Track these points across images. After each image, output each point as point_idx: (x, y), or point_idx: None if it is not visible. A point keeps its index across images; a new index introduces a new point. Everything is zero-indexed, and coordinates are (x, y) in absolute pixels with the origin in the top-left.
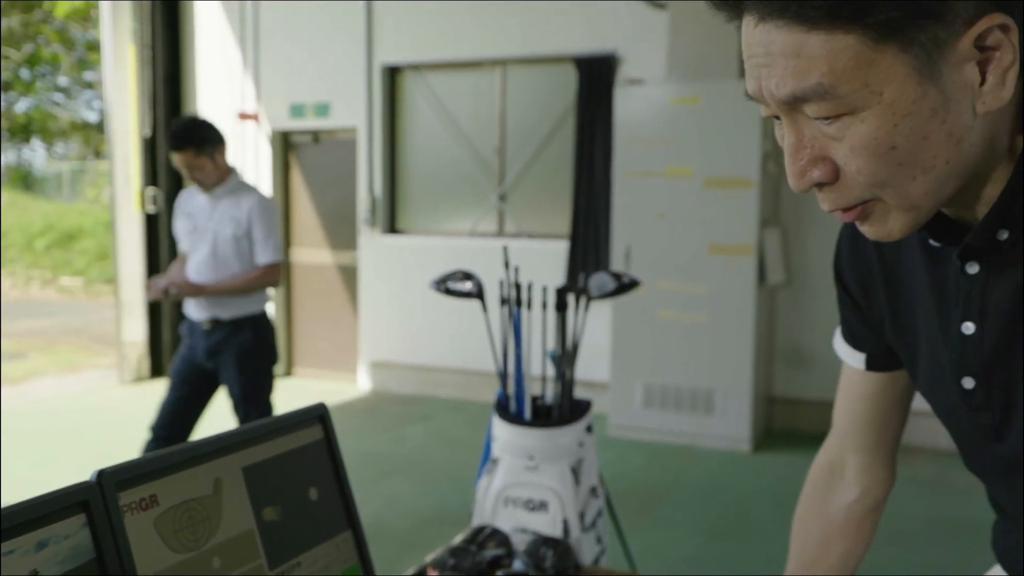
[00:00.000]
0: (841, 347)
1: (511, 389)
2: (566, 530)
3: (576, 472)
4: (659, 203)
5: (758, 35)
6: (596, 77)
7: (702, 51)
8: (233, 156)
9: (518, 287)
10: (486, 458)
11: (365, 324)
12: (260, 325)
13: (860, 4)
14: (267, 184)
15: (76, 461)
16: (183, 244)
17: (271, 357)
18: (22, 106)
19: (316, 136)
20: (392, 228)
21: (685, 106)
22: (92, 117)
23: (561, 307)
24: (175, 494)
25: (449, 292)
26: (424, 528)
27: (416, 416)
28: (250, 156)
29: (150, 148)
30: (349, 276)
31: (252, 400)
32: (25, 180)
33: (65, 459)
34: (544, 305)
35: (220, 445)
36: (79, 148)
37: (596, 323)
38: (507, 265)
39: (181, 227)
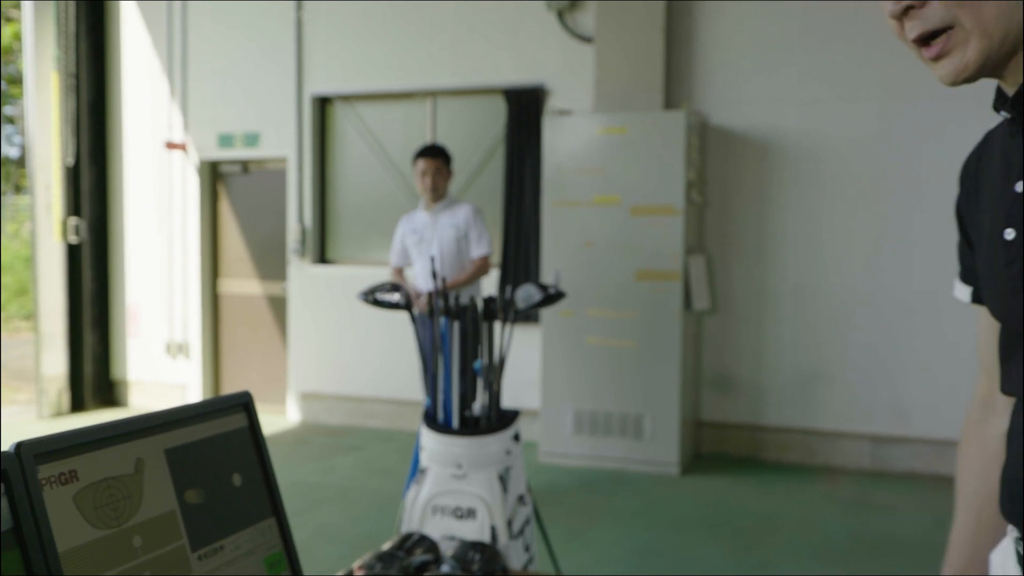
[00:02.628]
0: (958, 287)
1: (440, 399)
2: (494, 537)
3: (504, 480)
4: (587, 231)
5: None
6: (525, 108)
7: (627, 83)
8: (159, 186)
9: (445, 297)
10: (414, 472)
11: (295, 355)
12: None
13: None
14: (194, 214)
15: None
16: (398, 259)
17: None
18: None
19: (245, 166)
20: (322, 258)
21: (612, 136)
22: (12, 152)
23: (489, 316)
24: (96, 471)
25: (377, 303)
26: (354, 555)
27: (346, 446)
28: (177, 186)
29: (73, 177)
30: (278, 307)
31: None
32: None
33: None
34: (474, 318)
35: (143, 425)
36: (7, 183)
37: (526, 352)
38: (434, 275)
39: (409, 240)
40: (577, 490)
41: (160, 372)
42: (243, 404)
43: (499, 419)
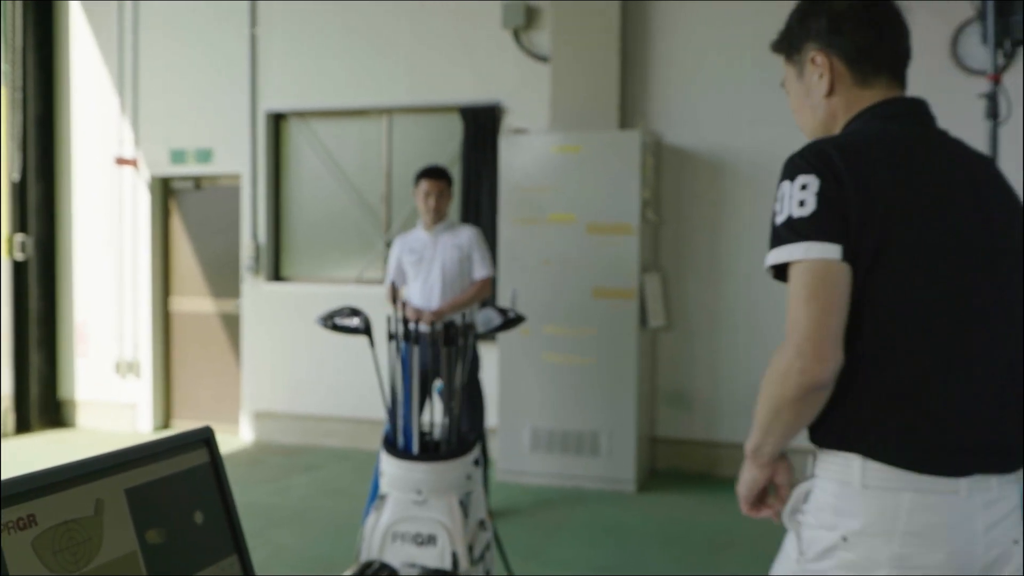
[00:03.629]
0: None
1: (399, 424)
2: (455, 563)
3: (465, 505)
4: (544, 249)
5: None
6: (481, 126)
7: (583, 102)
8: (109, 202)
9: (406, 322)
10: (373, 496)
11: (248, 373)
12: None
13: (783, 49)
14: (145, 231)
15: None
16: (396, 279)
17: (478, 361)
18: None
19: (198, 182)
20: (276, 275)
21: (567, 155)
22: None
23: (449, 341)
24: (55, 514)
25: (336, 328)
26: None
27: (301, 466)
28: (128, 202)
29: (20, 193)
30: (231, 324)
31: (473, 398)
32: None
33: None
34: (434, 341)
35: (102, 466)
36: None
37: (483, 369)
38: (394, 300)
39: (406, 260)
40: (534, 508)
41: (110, 392)
42: (204, 440)
43: (459, 444)
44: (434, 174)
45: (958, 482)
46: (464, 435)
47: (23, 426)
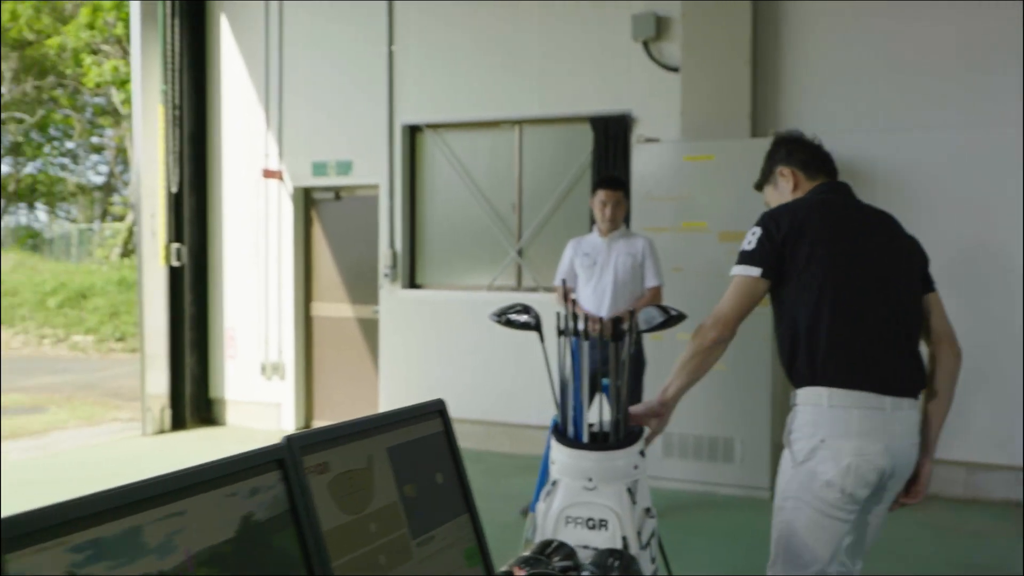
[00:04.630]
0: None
1: (569, 415)
2: (625, 547)
3: (632, 493)
4: (675, 257)
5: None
6: (611, 136)
7: (714, 111)
8: (255, 212)
9: (575, 317)
10: (542, 483)
11: (385, 376)
12: (641, 337)
13: (764, 181)
14: (289, 240)
15: None
16: (562, 278)
17: (644, 363)
18: (30, 169)
19: (337, 193)
20: (412, 283)
21: (700, 164)
22: (98, 180)
23: (617, 337)
24: (340, 463)
25: (509, 324)
26: None
27: None
28: (273, 212)
29: (175, 204)
30: (368, 329)
31: (637, 396)
32: (33, 241)
33: None
34: (602, 341)
35: (371, 425)
36: (86, 211)
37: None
38: (565, 297)
39: (579, 263)
40: (668, 511)
41: (255, 392)
42: (438, 411)
43: (627, 435)
44: (611, 184)
45: (883, 399)
46: (631, 427)
47: (178, 423)
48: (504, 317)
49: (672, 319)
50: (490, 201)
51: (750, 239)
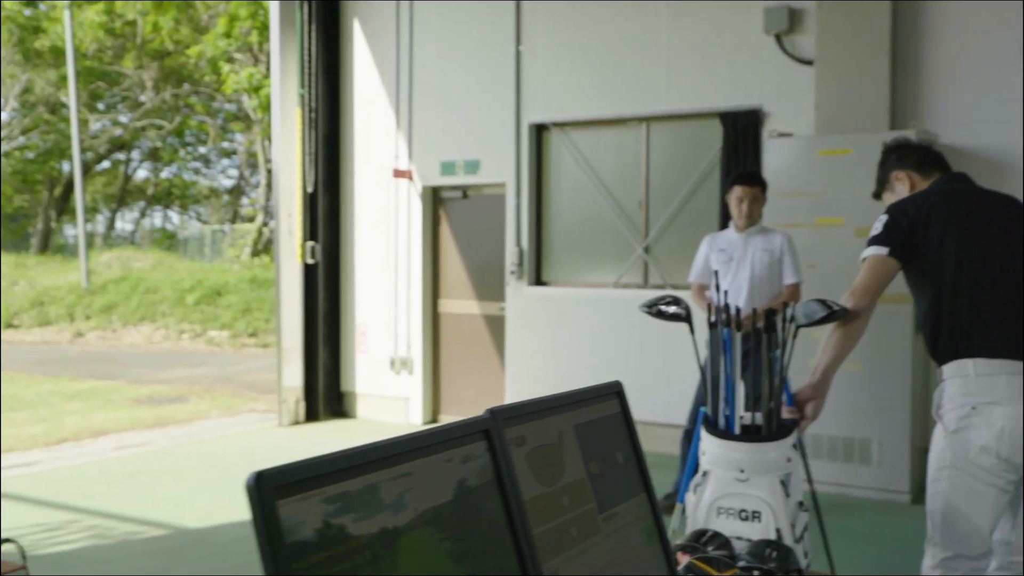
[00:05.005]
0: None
1: (720, 406)
2: (779, 539)
3: (785, 485)
4: (810, 254)
5: None
6: (741, 131)
7: (850, 104)
8: (385, 211)
9: (727, 308)
10: (690, 474)
11: (511, 372)
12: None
13: (880, 189)
14: (417, 238)
15: None
16: (699, 276)
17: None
18: (165, 174)
19: (465, 192)
20: (538, 280)
21: (835, 158)
22: (227, 183)
23: (770, 328)
24: (535, 438)
25: (660, 315)
26: None
27: None
28: (403, 211)
29: (311, 204)
30: (494, 325)
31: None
32: (169, 242)
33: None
34: (756, 328)
35: (559, 403)
36: (218, 213)
37: None
38: (717, 288)
39: (715, 259)
40: None
41: (385, 386)
42: (616, 392)
43: (779, 427)
44: (747, 180)
45: (1018, 364)
46: (784, 420)
47: (312, 415)
48: (655, 308)
49: (834, 314)
50: (616, 198)
51: (877, 226)
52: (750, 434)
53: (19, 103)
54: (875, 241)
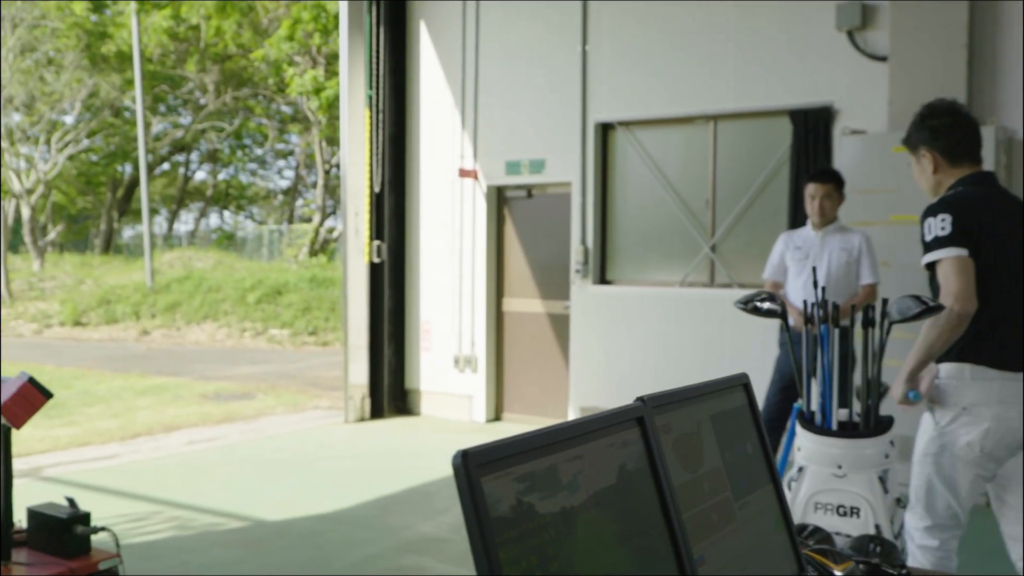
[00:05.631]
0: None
1: (816, 402)
2: (879, 534)
3: (883, 481)
4: (883, 252)
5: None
6: (811, 129)
7: (926, 101)
8: (451, 210)
9: (825, 304)
10: (781, 470)
11: (576, 370)
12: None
13: (908, 146)
14: (482, 237)
15: (329, 486)
16: (774, 273)
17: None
18: (223, 175)
19: (529, 191)
20: (603, 279)
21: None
22: (283, 184)
23: (868, 324)
24: (679, 426)
25: (756, 311)
26: None
27: None
28: (468, 210)
29: (377, 203)
30: (557, 324)
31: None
32: (228, 242)
33: (317, 484)
34: (853, 323)
35: (696, 393)
36: (275, 213)
37: None
38: (815, 284)
39: (790, 256)
40: None
41: (448, 383)
42: (743, 384)
43: (876, 424)
44: (821, 177)
45: (1018, 376)
46: (880, 416)
47: (376, 412)
48: (751, 304)
49: (929, 310)
50: (682, 197)
51: (942, 226)
52: (847, 430)
53: (84, 107)
54: (950, 243)
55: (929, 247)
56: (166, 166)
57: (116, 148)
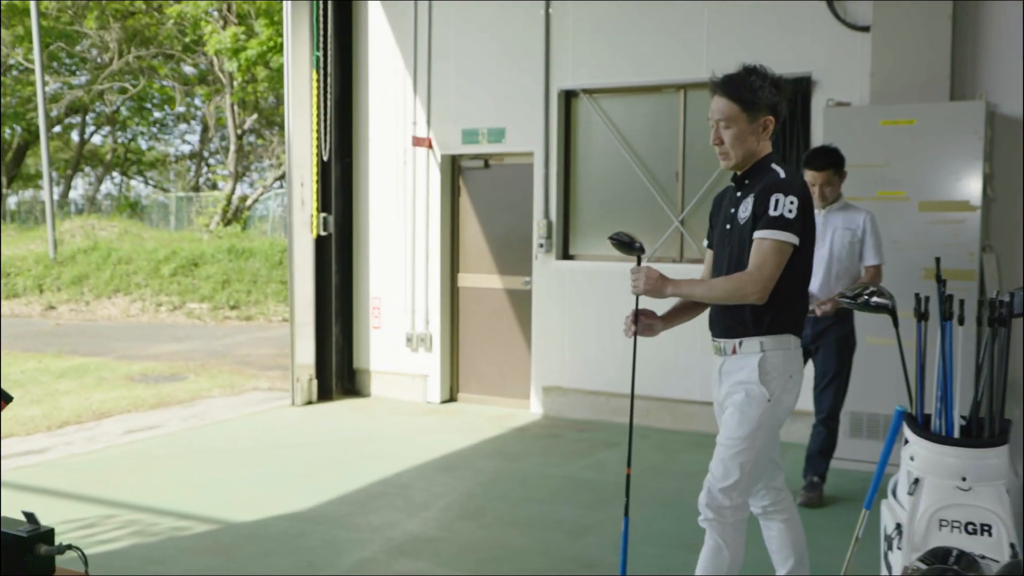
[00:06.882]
0: (704, 241)
1: (933, 405)
2: (1014, 555)
3: (1011, 493)
4: None
5: (716, 99)
6: (789, 100)
7: (909, 73)
8: (403, 181)
9: (950, 298)
10: (879, 478)
11: (538, 349)
12: (852, 316)
13: (747, 102)
14: (436, 209)
15: (293, 479)
16: None
17: (855, 344)
18: (121, 139)
19: (486, 161)
20: (566, 254)
21: (898, 129)
22: (185, 150)
23: (999, 322)
24: None
25: (866, 307)
26: (672, 555)
27: (602, 442)
28: (421, 181)
29: (322, 172)
30: (517, 301)
31: (844, 376)
32: (132, 210)
33: (279, 477)
34: (957, 315)
35: None
36: (182, 180)
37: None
38: (938, 278)
39: None
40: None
41: (400, 363)
42: None
43: (1001, 430)
44: (817, 164)
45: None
46: (1004, 421)
47: (324, 394)
48: (860, 299)
49: None
50: (650, 170)
51: (790, 208)
52: (970, 437)
53: None
54: (792, 227)
55: (774, 223)
56: (57, 128)
57: (4, 108)
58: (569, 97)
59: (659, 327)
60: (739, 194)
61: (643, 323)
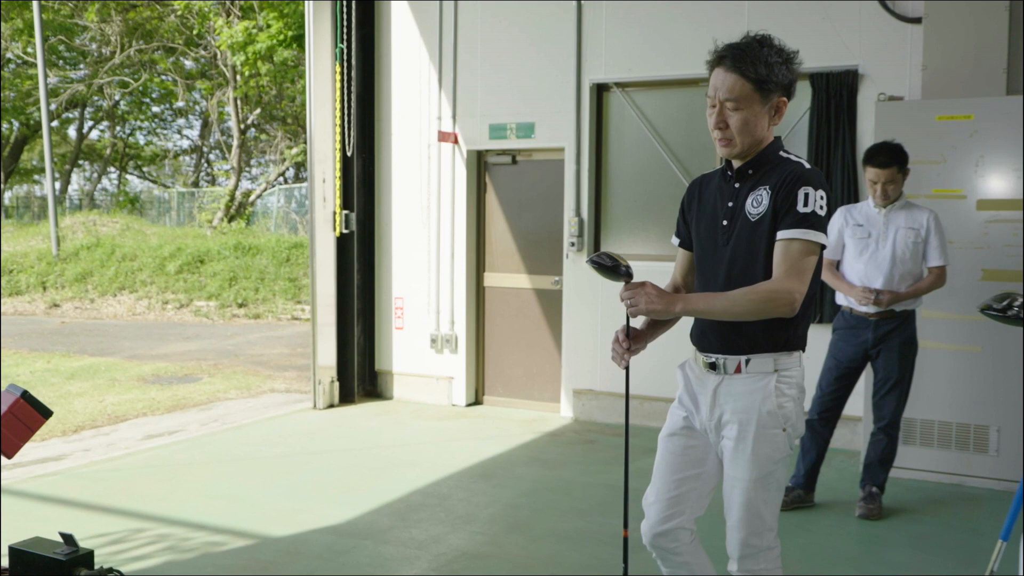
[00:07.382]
0: (674, 239)
1: None
2: None
3: None
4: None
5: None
6: (834, 94)
7: (964, 66)
8: (428, 177)
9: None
10: (1017, 510)
11: (568, 349)
12: (915, 318)
13: (762, 80)
14: (462, 206)
15: (326, 488)
16: (831, 252)
17: (917, 348)
18: (120, 133)
19: (514, 157)
20: (598, 251)
21: (956, 124)
22: (184, 145)
23: None
24: None
25: (1018, 320)
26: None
27: (640, 448)
28: (446, 177)
29: (344, 169)
30: (547, 301)
31: (907, 382)
32: (132, 205)
33: (312, 487)
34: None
35: None
36: (183, 176)
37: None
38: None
39: (850, 233)
40: (916, 505)
41: (424, 365)
42: None
43: None
44: (880, 162)
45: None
46: None
47: (346, 396)
48: (1010, 312)
49: None
50: (685, 166)
51: (820, 203)
52: None
53: None
54: (823, 226)
55: (803, 220)
56: (55, 123)
57: (3, 103)
58: (601, 91)
59: (643, 346)
60: (737, 185)
61: (633, 346)
